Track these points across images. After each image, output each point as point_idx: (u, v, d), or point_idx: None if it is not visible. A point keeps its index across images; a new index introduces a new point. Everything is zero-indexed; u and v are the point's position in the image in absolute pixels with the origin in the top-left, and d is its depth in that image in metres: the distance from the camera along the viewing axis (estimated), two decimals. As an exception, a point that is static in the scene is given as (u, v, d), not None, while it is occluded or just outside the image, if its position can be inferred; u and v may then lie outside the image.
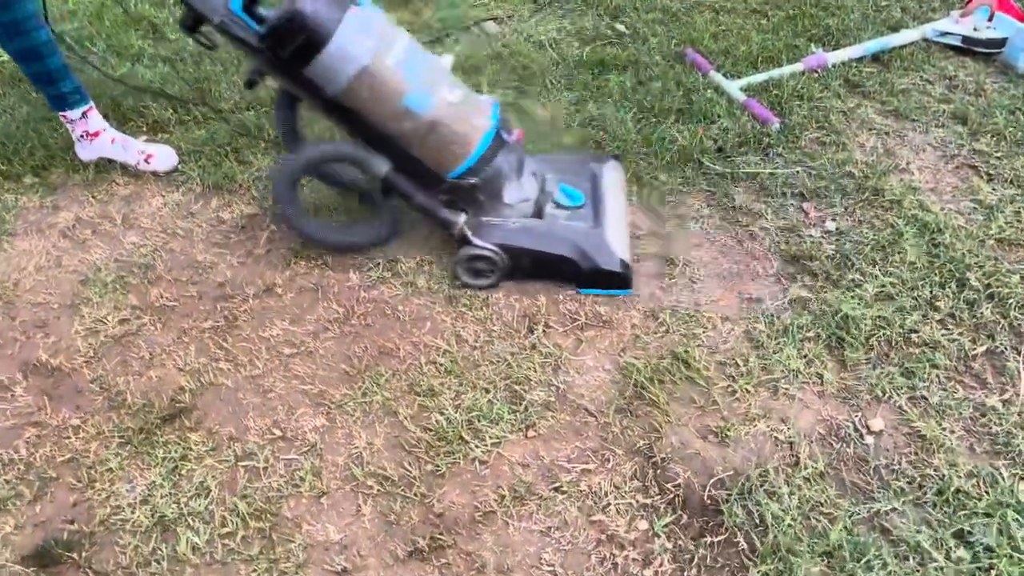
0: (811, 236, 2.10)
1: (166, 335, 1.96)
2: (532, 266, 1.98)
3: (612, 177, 2.15)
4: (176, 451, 1.70)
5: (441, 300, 2.01)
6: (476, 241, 1.96)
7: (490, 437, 1.71)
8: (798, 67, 2.63)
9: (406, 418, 1.75)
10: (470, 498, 1.61)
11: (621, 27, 2.90)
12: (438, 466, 1.66)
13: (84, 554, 1.54)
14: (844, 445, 1.66)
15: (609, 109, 2.51)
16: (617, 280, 1.95)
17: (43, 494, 1.64)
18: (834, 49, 2.71)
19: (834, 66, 2.65)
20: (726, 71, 2.64)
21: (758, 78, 2.59)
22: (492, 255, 1.95)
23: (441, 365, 1.85)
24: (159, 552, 1.54)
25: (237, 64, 2.84)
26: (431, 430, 1.72)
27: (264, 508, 1.60)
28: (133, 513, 1.60)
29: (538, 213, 2.04)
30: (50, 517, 1.61)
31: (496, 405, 1.76)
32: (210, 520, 1.59)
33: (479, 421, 1.73)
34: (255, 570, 1.51)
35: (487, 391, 1.79)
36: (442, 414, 1.75)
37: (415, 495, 1.62)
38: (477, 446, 1.69)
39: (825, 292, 1.96)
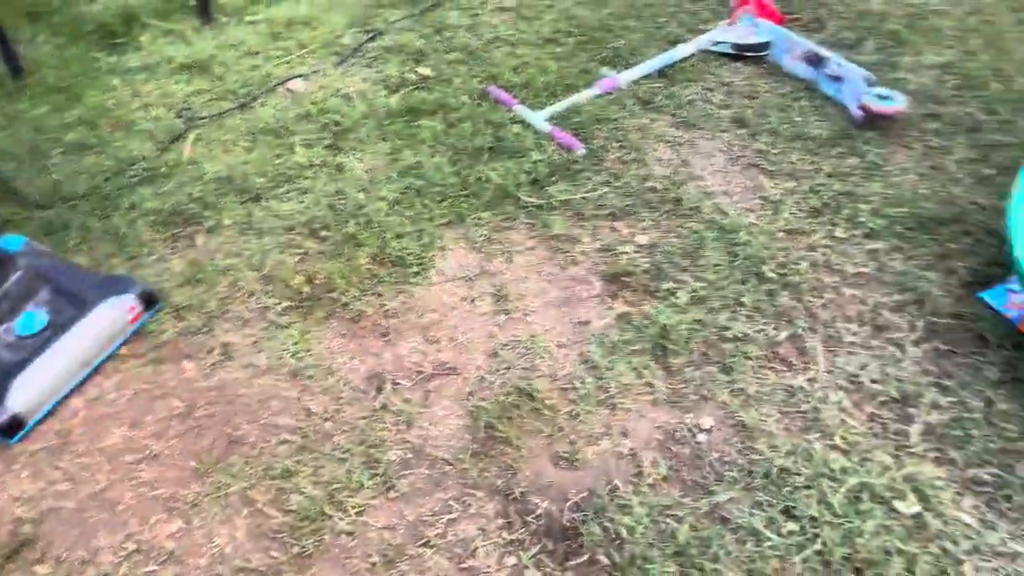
0: (626, 253, 2.26)
1: (-7, 465, 1.85)
2: None
3: (102, 315, 2.04)
4: (23, 589, 1.62)
5: (285, 375, 2.01)
6: None
7: (353, 507, 1.73)
8: (594, 91, 2.81)
9: (265, 504, 1.74)
10: (341, 572, 1.64)
11: (426, 71, 2.99)
12: (304, 547, 1.67)
13: None
14: (681, 447, 1.81)
15: (425, 155, 2.59)
16: (5, 431, 1.88)
17: None
18: (624, 70, 2.90)
19: (626, 86, 2.84)
20: (530, 103, 2.77)
21: (560, 106, 2.74)
22: None
23: (294, 443, 1.86)
24: None
25: None
26: (292, 512, 1.73)
27: (128, 629, 1.56)
28: None
29: None
30: None
31: (355, 474, 1.79)
32: (71, 655, 1.53)
33: (340, 493, 1.76)
34: None
35: (344, 461, 1.82)
36: (302, 493, 1.76)
37: (285, 581, 1.62)
38: (341, 519, 1.71)
39: (644, 304, 2.11)
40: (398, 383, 1.98)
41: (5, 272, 2.08)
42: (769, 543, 1.62)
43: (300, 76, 3.00)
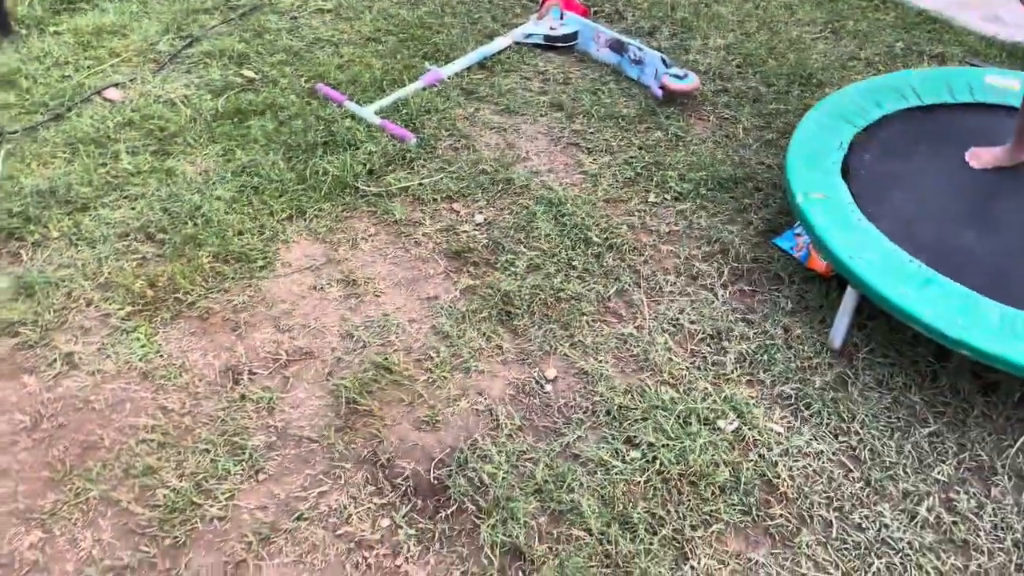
0: (465, 231, 2.40)
1: None
2: None
3: None
4: None
5: (136, 378, 1.99)
6: None
7: (222, 493, 1.76)
8: (419, 85, 2.93)
9: (129, 503, 1.73)
10: (217, 555, 1.66)
11: (250, 73, 2.99)
12: (176, 537, 1.68)
13: None
14: (531, 398, 1.97)
15: (258, 154, 2.61)
16: None
17: None
18: (446, 63, 3.05)
19: (449, 78, 2.99)
20: (358, 99, 2.86)
21: (387, 100, 2.85)
22: None
23: (153, 441, 1.85)
24: None
25: None
26: (159, 506, 1.73)
27: (-4, 645, 1.51)
28: None
29: None
30: None
31: (220, 462, 1.81)
32: None
33: (207, 481, 1.78)
34: None
35: (207, 452, 1.84)
36: (167, 487, 1.76)
37: (160, 572, 1.63)
38: (211, 506, 1.74)
39: (487, 276, 2.26)
40: (255, 372, 2.01)
41: None
42: (616, 470, 1.81)
43: (116, 85, 2.92)
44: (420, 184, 2.55)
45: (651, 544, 1.68)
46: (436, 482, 1.80)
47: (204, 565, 1.64)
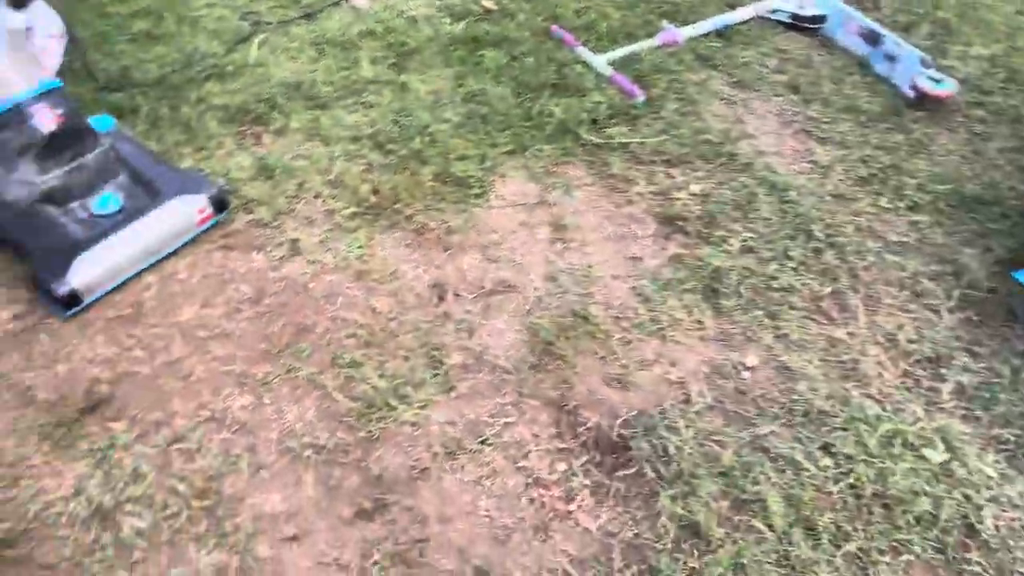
0: (680, 199, 2.34)
1: (67, 328, 1.91)
2: (14, 249, 2.03)
3: (173, 209, 2.06)
4: (101, 442, 1.70)
5: (350, 276, 2.08)
6: None
7: (417, 401, 1.82)
8: (655, 42, 2.86)
9: (334, 390, 1.83)
10: (405, 458, 1.73)
11: (489, 4, 3.02)
12: (371, 432, 1.76)
13: (24, 550, 1.53)
14: (726, 381, 1.92)
15: (489, 84, 2.64)
16: (60, 303, 1.91)
17: (-37, 498, 1.60)
18: (684, 25, 2.96)
19: (685, 41, 2.90)
20: (591, 46, 2.83)
21: (620, 53, 2.80)
22: None
23: (360, 338, 1.94)
24: (102, 540, 1.55)
25: None
26: (359, 399, 1.81)
27: (205, 487, 1.65)
28: (68, 506, 1.60)
29: (54, 199, 2.04)
30: (-24, 520, 1.57)
31: (418, 371, 1.88)
32: (150, 504, 1.61)
33: (404, 387, 1.85)
34: (205, 547, 1.56)
35: (407, 359, 1.90)
36: (368, 383, 1.84)
37: (352, 461, 1.72)
38: (405, 410, 1.81)
39: (697, 248, 2.20)
40: (459, 294, 2.06)
41: (88, 145, 2.09)
42: (807, 473, 1.73)
43: (364, -7, 3.02)
44: (641, 143, 2.51)
45: (833, 556, 1.61)
46: (619, 440, 1.79)
47: (392, 464, 1.72)
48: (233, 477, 1.67)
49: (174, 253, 2.08)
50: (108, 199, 2.07)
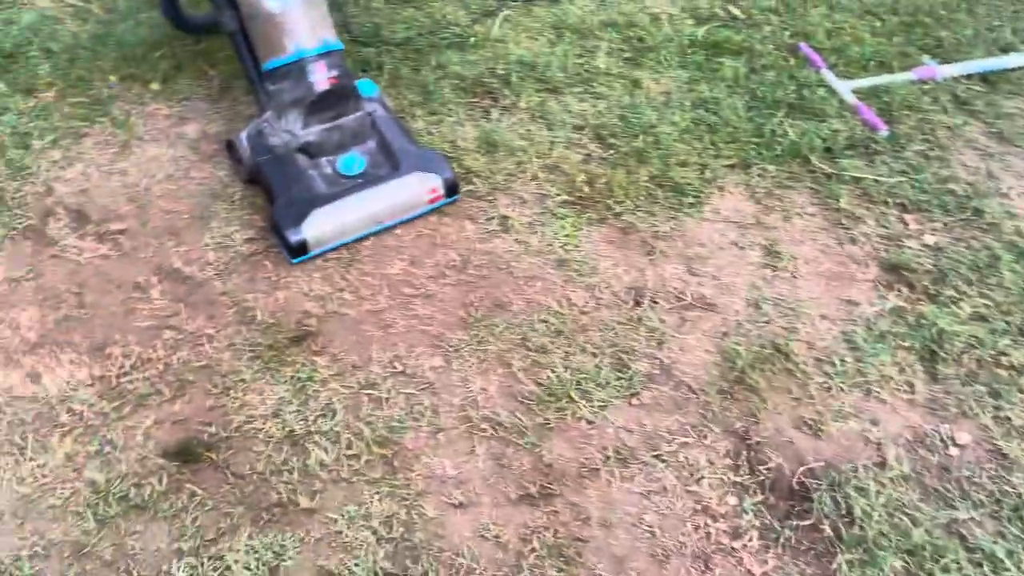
0: (911, 248, 2.17)
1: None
2: (263, 188, 2.16)
3: (408, 183, 2.14)
4: (304, 371, 1.81)
5: (552, 262, 2.09)
6: (242, 139, 2.15)
7: (597, 400, 1.81)
8: (909, 76, 2.66)
9: (519, 370, 1.85)
10: (577, 454, 1.73)
11: (736, 11, 2.92)
12: (547, 420, 1.77)
13: (222, 456, 1.66)
14: (929, 453, 1.76)
15: (722, 93, 2.56)
16: (289, 249, 2.02)
17: (181, 395, 1.76)
18: (945, 63, 2.73)
19: (944, 80, 2.68)
20: (838, 70, 2.67)
21: (869, 82, 2.63)
22: (244, 156, 2.15)
23: (552, 325, 1.95)
24: (291, 463, 1.66)
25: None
26: (542, 385, 1.83)
27: (386, 436, 1.72)
28: (265, 424, 1.72)
29: (308, 152, 2.16)
30: (188, 417, 1.72)
31: (603, 370, 1.86)
32: (336, 440, 1.70)
33: (587, 383, 1.84)
34: (378, 493, 1.63)
35: (595, 355, 1.89)
36: (553, 372, 1.85)
37: (526, 444, 1.73)
38: (584, 406, 1.80)
39: (921, 305, 2.04)
40: (656, 301, 2.02)
41: (350, 107, 2.19)
42: (1008, 573, 1.57)
43: (610, -16, 3.01)
44: (875, 180, 2.34)
45: (1025, 675, 1.45)
46: (799, 488, 1.70)
47: (562, 456, 1.72)
48: (413, 433, 1.73)
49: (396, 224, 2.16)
50: (354, 161, 2.16)
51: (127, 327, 1.87)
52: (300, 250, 2.01)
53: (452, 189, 2.16)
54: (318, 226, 2.01)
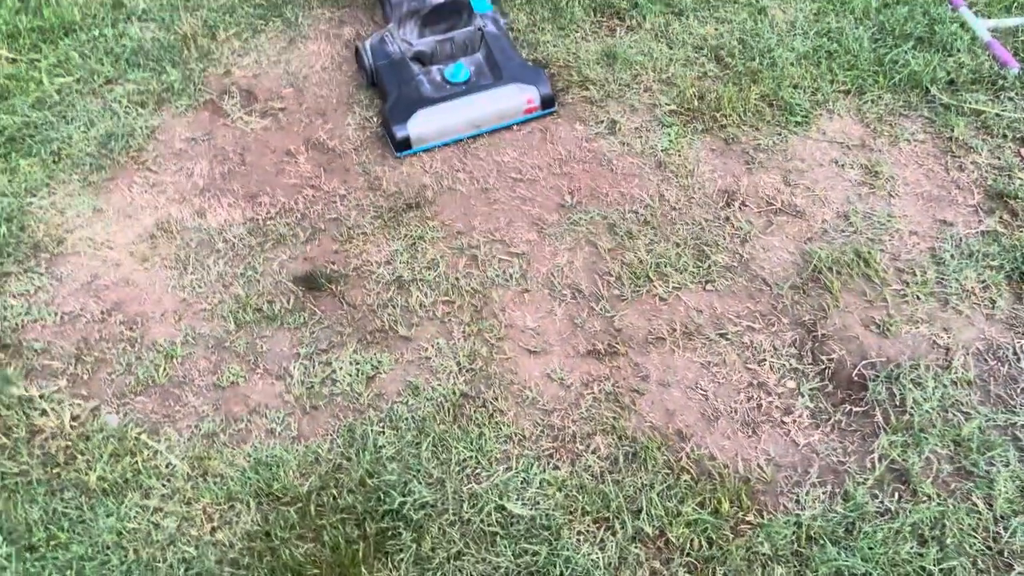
0: (1021, 179, 2.15)
1: (417, 143, 2.32)
2: (379, 90, 2.41)
3: (507, 93, 2.30)
4: (416, 231, 2.07)
5: (651, 163, 2.24)
6: (366, 45, 2.40)
7: (673, 282, 1.96)
8: (1057, 18, 2.57)
9: (604, 251, 2.03)
10: (646, 324, 1.89)
11: (879, -52, 2.90)
12: (623, 293, 1.94)
13: (340, 288, 1.95)
14: (999, 363, 1.79)
15: (848, 24, 2.58)
16: (395, 143, 2.24)
17: (312, 239, 2.07)
18: (1102, 6, 2.61)
19: (1097, 23, 2.56)
20: (977, 9, 2.61)
21: (1010, 22, 2.56)
22: (367, 61, 2.39)
23: (642, 216, 2.10)
24: (395, 301, 1.93)
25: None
26: (625, 264, 1.99)
27: (478, 290, 1.95)
28: (378, 268, 1.99)
29: (421, 60, 2.38)
30: (316, 256, 2.03)
31: (683, 258, 2.00)
32: (436, 287, 1.95)
33: (666, 267, 1.99)
34: (465, 331, 1.87)
35: (678, 245, 2.04)
36: (635, 254, 2.01)
37: (600, 310, 1.91)
38: (660, 286, 1.95)
39: (1021, 231, 2.03)
40: (747, 204, 2.13)
41: (462, 22, 2.41)
42: (1056, 475, 1.59)
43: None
44: (998, 115, 2.31)
45: (1052, 561, 1.49)
46: (857, 378, 1.78)
47: (632, 324, 1.88)
48: (502, 290, 1.95)
49: (495, 130, 2.34)
50: (460, 69, 2.34)
51: (276, 183, 2.20)
52: (404, 144, 2.24)
53: (548, 102, 2.32)
54: (421, 124, 2.23)
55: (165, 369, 1.81)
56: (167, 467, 1.66)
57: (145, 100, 2.42)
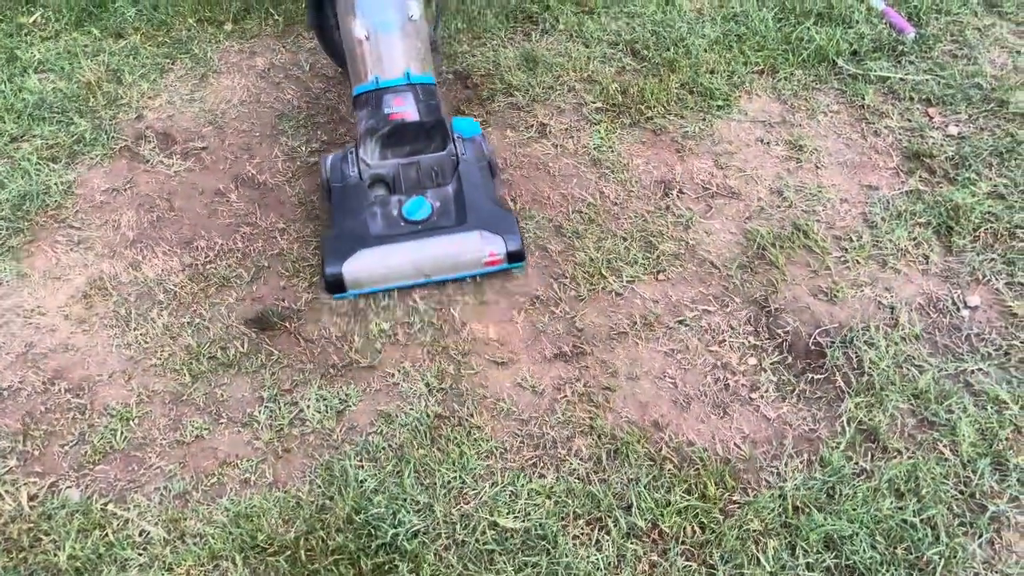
0: (933, 138, 2.26)
1: (350, 167, 2.28)
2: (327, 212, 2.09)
3: (467, 242, 1.95)
4: (363, 257, 2.04)
5: (586, 162, 2.27)
6: (326, 162, 2.08)
7: (626, 275, 1.99)
8: (941, -18, 2.72)
9: (555, 253, 2.04)
10: (606, 320, 1.91)
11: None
12: (580, 293, 1.96)
13: (294, 324, 1.91)
14: (940, 315, 1.88)
15: (751, 7, 2.67)
16: (327, 284, 1.93)
17: (258, 278, 2.01)
18: (979, -32, 2.77)
19: (976, -16, 2.72)
20: (868, -19, 2.75)
21: (899, -10, 2.70)
22: (323, 177, 2.08)
23: (585, 215, 2.13)
24: (353, 330, 1.89)
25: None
26: (577, 264, 2.01)
27: (436, 308, 1.93)
28: (331, 300, 1.95)
29: (391, 188, 2.06)
30: (264, 295, 1.97)
31: (632, 251, 2.03)
32: (393, 312, 1.92)
33: (617, 262, 2.01)
34: (428, 352, 1.85)
35: (625, 239, 2.07)
36: (585, 253, 2.03)
37: (560, 312, 1.92)
38: (614, 281, 1.97)
39: (940, 187, 2.14)
40: (684, 192, 2.17)
41: (432, 146, 2.07)
42: (1010, 413, 1.68)
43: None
44: (901, 79, 2.43)
45: (1020, 493, 1.57)
46: (814, 347, 1.84)
47: (593, 322, 1.90)
48: (460, 305, 1.94)
49: (445, 281, 1.99)
50: (419, 205, 2.00)
51: (211, 225, 2.13)
52: (336, 286, 1.92)
53: (516, 256, 1.96)
54: (360, 268, 1.91)
55: (122, 433, 1.73)
56: (141, 535, 1.58)
57: (56, 155, 2.31)
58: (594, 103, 2.41)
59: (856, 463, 1.64)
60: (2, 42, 2.67)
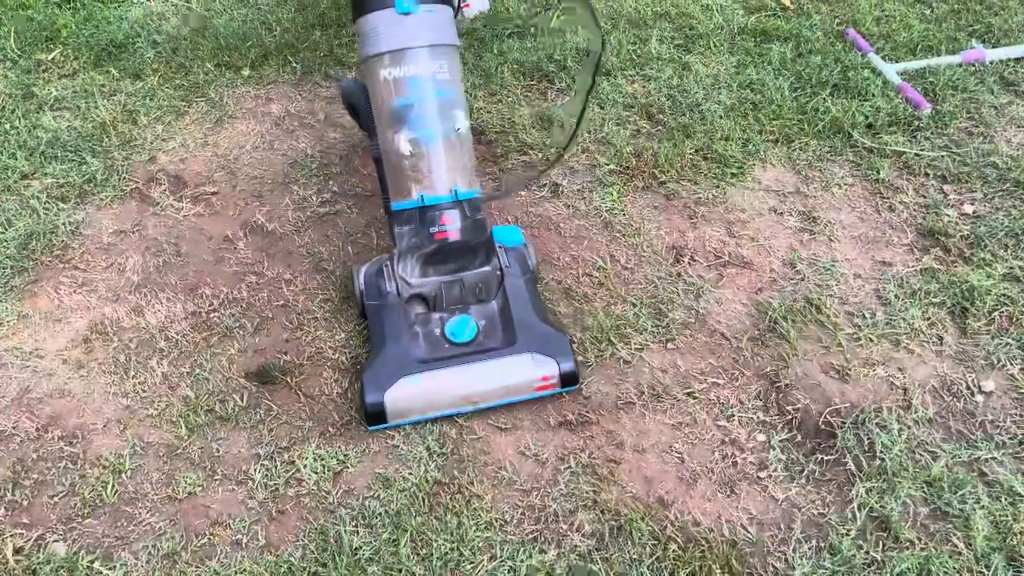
0: (948, 216, 2.25)
1: (360, 219, 2.27)
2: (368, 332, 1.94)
3: (518, 365, 1.81)
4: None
5: (598, 224, 2.25)
6: (360, 275, 1.93)
7: (634, 343, 1.95)
8: (956, 59, 2.73)
9: (563, 316, 2.01)
10: (613, 389, 1.87)
11: (787, 1, 3.04)
12: (587, 359, 1.92)
13: (295, 379, 1.87)
14: (955, 399, 1.84)
15: (768, 75, 2.68)
16: (367, 415, 1.77)
17: (261, 329, 1.98)
18: (994, 47, 2.79)
19: (991, 63, 2.73)
20: (885, 54, 2.76)
21: (916, 64, 2.71)
22: (357, 293, 1.95)
23: (595, 278, 2.10)
24: (355, 388, 1.85)
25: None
26: (586, 329, 1.98)
27: (440, 368, 1.90)
28: (334, 355, 1.92)
29: (431, 305, 1.93)
30: (267, 347, 1.94)
31: (641, 318, 2.01)
32: (396, 371, 1.89)
33: (625, 328, 1.98)
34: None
35: (634, 305, 2.04)
36: (594, 318, 2.00)
37: (567, 379, 1.88)
38: (622, 348, 1.94)
39: (956, 267, 2.11)
40: (695, 259, 2.15)
41: (476, 262, 1.95)
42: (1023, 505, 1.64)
43: (665, -21, 3.17)
44: (917, 154, 2.43)
45: (1035, 594, 1.52)
46: (824, 426, 1.80)
47: (600, 391, 1.86)
48: (465, 366, 1.90)
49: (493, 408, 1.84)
50: (465, 325, 1.87)
51: (216, 272, 2.11)
52: (377, 418, 1.76)
53: (570, 379, 1.83)
54: (404, 397, 1.75)
55: (113, 486, 1.69)
56: (126, 595, 1.53)
57: (66, 194, 2.30)
58: (607, 165, 2.40)
59: (867, 552, 1.58)
60: (20, 78, 2.69)
